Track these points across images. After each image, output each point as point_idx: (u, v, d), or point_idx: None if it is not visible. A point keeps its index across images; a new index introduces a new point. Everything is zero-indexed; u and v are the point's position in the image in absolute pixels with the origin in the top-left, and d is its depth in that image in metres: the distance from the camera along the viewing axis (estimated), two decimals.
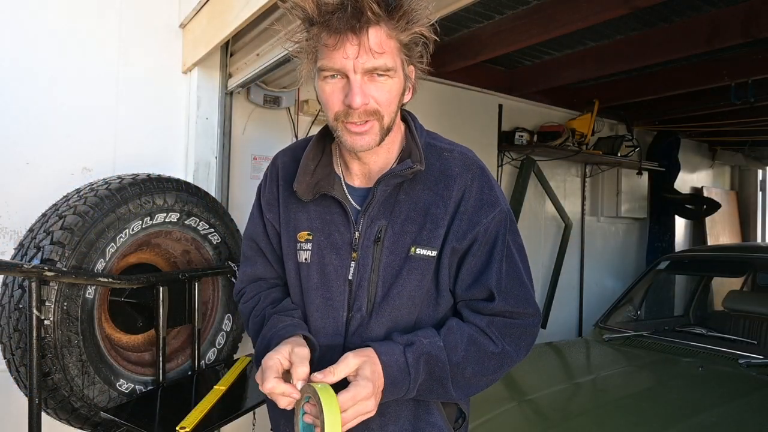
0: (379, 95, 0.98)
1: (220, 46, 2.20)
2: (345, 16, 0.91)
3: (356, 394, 0.92)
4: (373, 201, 1.07)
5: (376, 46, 0.94)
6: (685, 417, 2.07)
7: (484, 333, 1.06)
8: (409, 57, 1.01)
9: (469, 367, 1.04)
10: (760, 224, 6.81)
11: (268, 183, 1.21)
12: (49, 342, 1.61)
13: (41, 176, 2.13)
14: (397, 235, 1.07)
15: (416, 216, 1.07)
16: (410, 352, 1.00)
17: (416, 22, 0.97)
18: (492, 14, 2.98)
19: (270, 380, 0.94)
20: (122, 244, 1.81)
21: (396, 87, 1.01)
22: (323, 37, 0.95)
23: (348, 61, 0.94)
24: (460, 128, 3.75)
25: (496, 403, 2.17)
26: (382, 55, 0.95)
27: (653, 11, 2.93)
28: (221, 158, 2.52)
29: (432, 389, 1.03)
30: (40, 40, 2.15)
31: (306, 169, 1.11)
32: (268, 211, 1.19)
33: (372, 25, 0.93)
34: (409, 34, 0.97)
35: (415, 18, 0.97)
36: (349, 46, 0.94)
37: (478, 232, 1.06)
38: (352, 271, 1.08)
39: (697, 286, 3.94)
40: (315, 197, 1.11)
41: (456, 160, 1.11)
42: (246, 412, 1.78)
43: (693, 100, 4.44)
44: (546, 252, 4.52)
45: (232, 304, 2.21)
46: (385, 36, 0.95)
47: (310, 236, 1.12)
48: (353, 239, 1.08)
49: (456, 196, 1.07)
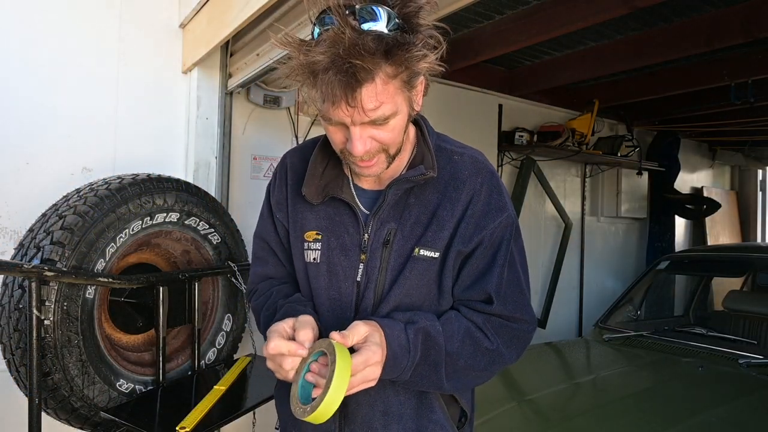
0: (382, 137, 0.96)
1: (220, 46, 2.20)
2: (335, 81, 0.85)
3: (368, 358, 0.91)
4: (383, 204, 1.07)
5: (370, 103, 0.89)
6: (685, 417, 2.07)
7: (480, 329, 1.06)
8: (412, 85, 0.95)
9: (462, 359, 1.04)
10: (760, 224, 6.81)
11: (277, 183, 1.21)
12: (49, 342, 1.61)
13: (41, 176, 2.13)
14: (405, 238, 1.07)
15: (424, 219, 1.07)
16: (411, 329, 1.00)
17: (421, 57, 0.90)
18: (492, 14, 2.98)
19: (274, 340, 0.94)
20: (122, 244, 1.81)
21: (399, 124, 0.97)
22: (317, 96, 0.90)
23: (345, 118, 0.92)
24: (460, 128, 3.75)
25: (496, 403, 2.17)
26: (378, 108, 0.90)
27: (653, 11, 2.93)
28: (221, 158, 2.52)
29: (425, 375, 1.02)
30: (40, 40, 2.15)
31: (314, 172, 1.11)
32: (277, 211, 1.20)
33: (366, 84, 0.87)
34: (411, 71, 0.91)
35: (421, 54, 0.89)
36: (344, 108, 0.89)
37: (484, 236, 1.06)
38: (360, 272, 1.08)
39: (697, 286, 3.94)
40: (324, 200, 1.11)
41: (466, 163, 1.11)
42: (246, 412, 1.78)
43: (693, 100, 4.44)
44: (546, 252, 4.52)
45: (232, 304, 2.21)
46: (381, 86, 0.89)
47: (319, 236, 1.12)
48: (362, 241, 1.09)
49: (465, 200, 1.07)
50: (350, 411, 1.10)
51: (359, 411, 1.09)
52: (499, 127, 4.09)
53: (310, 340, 0.94)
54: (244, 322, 2.27)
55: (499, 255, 1.07)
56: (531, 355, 2.71)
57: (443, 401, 1.13)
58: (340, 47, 0.84)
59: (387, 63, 0.88)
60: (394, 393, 1.09)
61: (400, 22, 0.88)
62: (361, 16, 0.86)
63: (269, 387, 1.88)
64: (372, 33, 0.85)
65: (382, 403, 1.09)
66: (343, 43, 0.84)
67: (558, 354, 3.02)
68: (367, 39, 0.84)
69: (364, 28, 0.86)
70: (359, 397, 1.08)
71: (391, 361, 0.96)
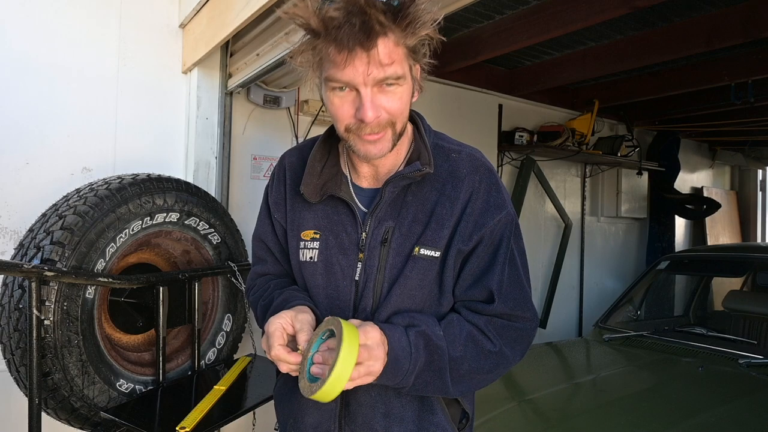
0: (390, 105, 0.97)
1: (220, 46, 2.20)
2: (353, 31, 0.88)
3: (371, 349, 0.93)
4: (380, 202, 1.07)
5: (385, 57, 0.92)
6: (685, 417, 2.07)
7: (482, 332, 1.06)
8: (415, 59, 1.00)
9: (466, 363, 1.03)
10: (760, 224, 6.81)
11: (275, 183, 1.21)
12: (49, 342, 1.61)
13: (41, 176, 2.13)
14: (404, 236, 1.07)
15: (423, 217, 1.07)
16: (411, 332, 1.00)
17: (423, 25, 0.95)
18: (492, 14, 2.98)
19: (275, 347, 0.96)
20: (122, 244, 1.81)
21: (406, 93, 1.00)
22: (330, 52, 0.92)
23: (358, 75, 0.93)
24: (460, 128, 3.76)
25: (496, 403, 2.17)
26: (391, 65, 0.94)
27: (653, 11, 2.93)
28: (221, 158, 2.52)
29: (429, 381, 1.02)
30: (40, 40, 2.15)
31: (312, 170, 1.11)
32: (275, 211, 1.20)
33: (380, 37, 0.91)
34: (416, 38, 0.95)
35: (422, 20, 0.94)
36: (358, 62, 0.91)
37: (483, 234, 1.06)
38: (359, 271, 1.08)
39: (697, 286, 3.94)
40: (322, 199, 1.11)
41: (464, 161, 1.10)
42: (246, 412, 1.78)
43: (693, 100, 4.44)
44: (546, 252, 4.52)
45: (232, 304, 2.21)
46: (393, 45, 0.93)
47: (317, 235, 1.12)
48: (360, 240, 1.08)
49: (463, 198, 1.06)
50: (351, 411, 1.09)
51: (360, 412, 1.09)
52: (499, 127, 4.09)
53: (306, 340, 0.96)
54: (244, 322, 2.27)
55: (499, 253, 1.07)
56: (531, 355, 2.70)
57: (444, 403, 1.13)
58: (356, 5, 0.88)
59: (396, 26, 0.92)
60: (396, 395, 1.09)
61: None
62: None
63: (269, 387, 1.89)
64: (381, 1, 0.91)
65: (383, 404, 1.09)
66: (358, 2, 0.88)
67: (558, 354, 3.02)
68: (377, 2, 0.90)
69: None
70: (361, 398, 1.08)
71: (392, 364, 0.96)
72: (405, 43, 0.95)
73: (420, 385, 1.02)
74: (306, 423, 1.12)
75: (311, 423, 1.12)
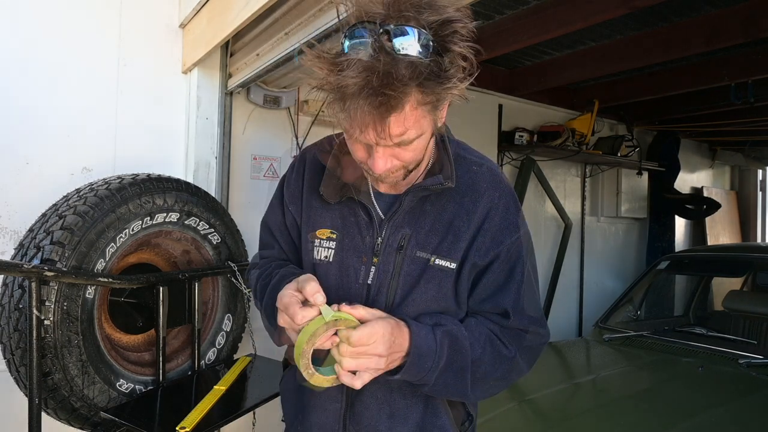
0: (404, 156, 0.94)
1: (220, 46, 2.20)
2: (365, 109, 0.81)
3: (374, 330, 0.91)
4: (399, 209, 1.07)
5: (398, 129, 0.86)
6: (685, 417, 2.07)
7: (498, 337, 1.07)
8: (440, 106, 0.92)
9: (483, 365, 1.04)
10: (760, 224, 6.81)
11: (294, 176, 1.20)
12: (49, 342, 1.61)
13: (41, 176, 2.13)
14: (420, 245, 1.06)
15: (440, 227, 1.06)
16: (438, 330, 1.00)
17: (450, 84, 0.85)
18: (492, 14, 2.98)
19: (298, 314, 0.93)
20: (122, 244, 1.81)
21: (423, 143, 0.94)
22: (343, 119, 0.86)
23: (370, 140, 0.89)
24: (460, 128, 3.72)
25: (497, 403, 2.17)
26: (405, 133, 0.88)
27: (653, 11, 2.93)
28: (221, 158, 2.52)
29: (450, 383, 1.01)
30: (40, 40, 2.14)
31: (333, 172, 1.11)
32: (290, 203, 1.19)
33: (395, 113, 0.83)
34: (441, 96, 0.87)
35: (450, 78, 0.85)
36: (371, 133, 0.86)
37: (500, 252, 1.06)
38: (372, 275, 1.08)
39: (697, 286, 3.94)
40: (341, 200, 1.11)
41: (484, 175, 1.10)
42: (246, 412, 1.78)
43: (693, 100, 4.44)
44: (546, 252, 4.52)
45: (232, 304, 2.21)
46: (409, 112, 0.85)
47: (334, 235, 1.11)
48: (375, 244, 1.08)
49: (481, 212, 1.06)
50: (356, 412, 1.09)
51: (365, 413, 1.09)
52: (499, 127, 4.09)
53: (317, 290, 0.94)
54: (244, 322, 2.27)
55: (515, 272, 1.08)
56: None
57: (448, 405, 1.13)
58: (374, 76, 0.79)
59: (418, 90, 0.84)
60: (402, 396, 1.09)
61: (435, 45, 0.84)
62: (396, 37, 0.81)
63: (269, 387, 1.89)
64: (406, 59, 0.81)
65: (388, 405, 1.09)
66: (377, 71, 0.79)
67: (558, 354, 3.02)
68: (400, 66, 0.80)
69: (399, 51, 0.81)
70: (366, 398, 1.08)
71: (415, 359, 0.96)
72: (428, 101, 0.86)
73: (440, 385, 1.01)
74: (311, 422, 1.13)
75: (316, 422, 1.12)
